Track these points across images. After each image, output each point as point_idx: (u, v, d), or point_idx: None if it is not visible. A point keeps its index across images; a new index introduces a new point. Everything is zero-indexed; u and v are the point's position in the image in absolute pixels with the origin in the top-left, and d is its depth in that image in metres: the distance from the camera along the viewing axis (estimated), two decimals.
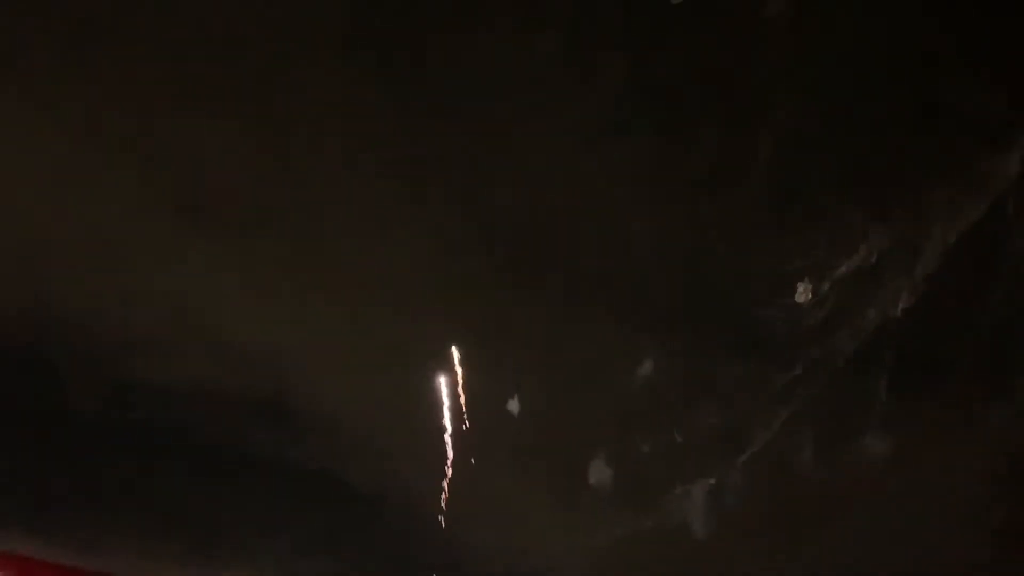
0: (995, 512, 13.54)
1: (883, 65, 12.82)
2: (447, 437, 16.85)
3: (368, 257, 16.73)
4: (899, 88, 12.77)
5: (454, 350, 16.89)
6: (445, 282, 17.05)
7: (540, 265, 16.46)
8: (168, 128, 15.46)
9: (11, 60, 14.47)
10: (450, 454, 16.70)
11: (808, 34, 11.69)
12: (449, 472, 16.48)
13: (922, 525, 13.65)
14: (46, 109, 14.94)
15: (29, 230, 15.34)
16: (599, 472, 14.47)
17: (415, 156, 16.27)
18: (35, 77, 14.74)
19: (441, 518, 16.48)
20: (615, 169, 15.03)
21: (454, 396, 16.90)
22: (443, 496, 16.46)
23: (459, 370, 16.96)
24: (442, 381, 17.11)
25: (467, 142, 15.95)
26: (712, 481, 12.14)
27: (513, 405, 15.61)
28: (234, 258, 16.21)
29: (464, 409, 16.73)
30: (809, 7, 11.18)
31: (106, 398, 16.01)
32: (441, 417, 16.93)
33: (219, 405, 16.10)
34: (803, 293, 10.87)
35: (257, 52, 15.26)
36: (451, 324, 16.79)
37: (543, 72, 14.82)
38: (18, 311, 15.25)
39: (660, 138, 14.62)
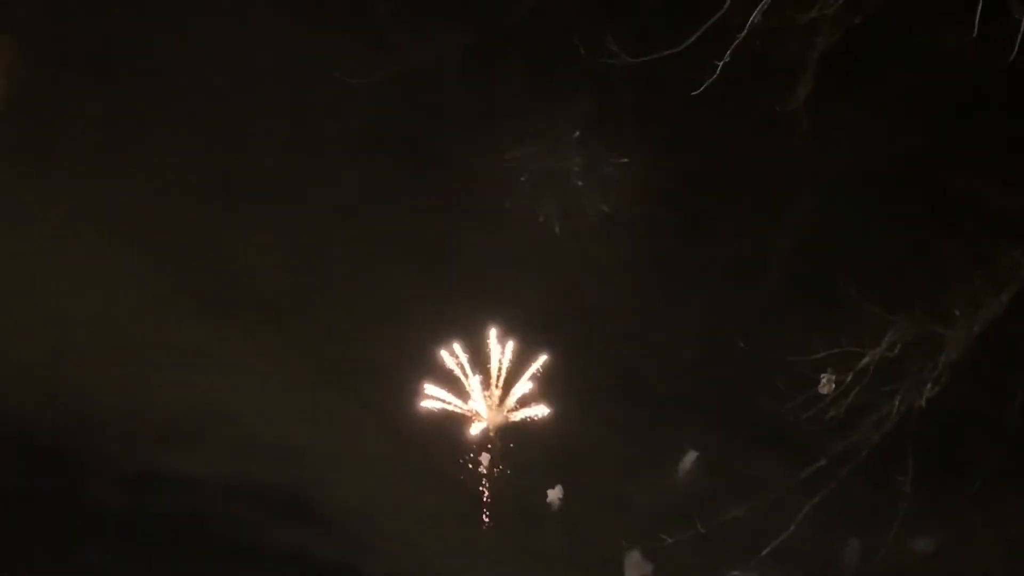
0: None
1: (903, 158, 12.97)
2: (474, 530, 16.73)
3: (388, 352, 16.80)
4: (920, 181, 12.90)
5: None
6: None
7: (560, 361, 16.50)
8: (195, 226, 15.76)
9: (39, 154, 14.81)
10: (476, 548, 16.55)
11: (828, 128, 11.84)
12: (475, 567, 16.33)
13: None
14: (76, 206, 15.25)
15: (57, 325, 15.53)
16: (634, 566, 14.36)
17: (435, 255, 16.46)
18: (63, 174, 15.06)
19: None
20: (637, 263, 15.16)
21: (482, 490, 16.83)
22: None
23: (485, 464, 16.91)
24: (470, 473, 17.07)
25: (488, 236, 16.13)
26: (736, 574, 11.93)
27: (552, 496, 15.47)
28: (258, 354, 16.35)
29: (489, 504, 16.64)
30: (829, 103, 11.34)
31: (129, 490, 16.02)
32: (468, 511, 16.84)
33: (240, 498, 16.08)
34: (826, 384, 10.80)
35: (285, 151, 15.62)
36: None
37: (564, 165, 15.02)
38: (44, 404, 15.37)
39: (681, 232, 14.77)
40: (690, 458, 13.74)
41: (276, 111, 15.12)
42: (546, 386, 16.95)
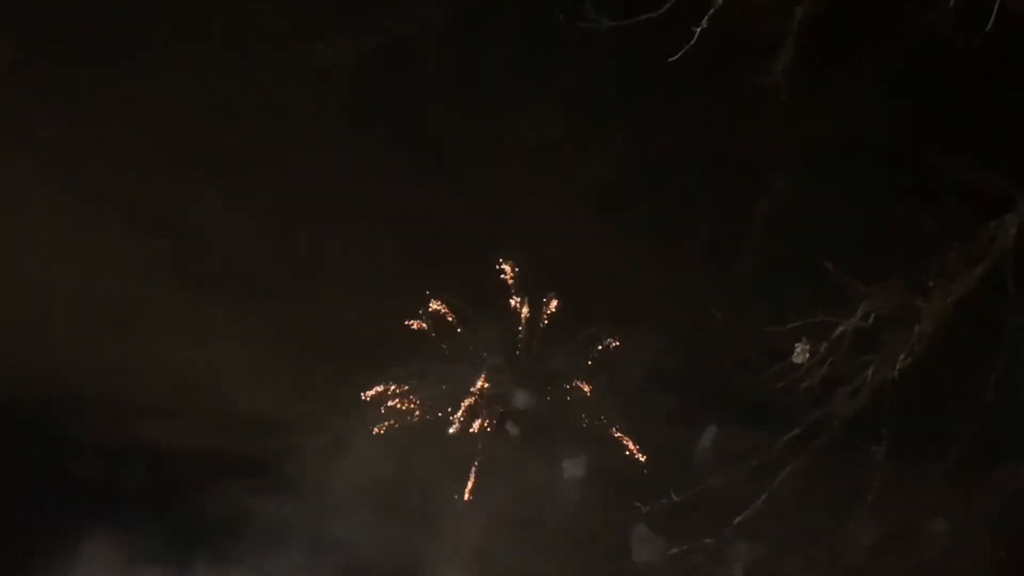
0: None
1: (881, 133, 13.02)
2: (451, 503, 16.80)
3: (370, 326, 16.81)
4: (897, 154, 12.95)
5: None
6: (452, 352, 17.13)
7: (549, 332, 16.53)
8: (173, 196, 15.70)
9: (16, 128, 14.73)
10: (455, 522, 16.62)
11: (806, 100, 11.87)
12: (454, 541, 16.39)
13: None
14: (51, 176, 15.17)
15: (35, 298, 15.47)
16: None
17: (421, 225, 16.45)
18: (42, 145, 14.99)
19: None
20: (616, 237, 15.19)
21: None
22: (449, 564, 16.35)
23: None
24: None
25: (472, 211, 16.13)
26: (708, 541, 12.01)
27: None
28: (240, 326, 16.32)
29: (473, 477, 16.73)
30: (807, 77, 11.37)
31: (108, 462, 16.00)
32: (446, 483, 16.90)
33: (221, 470, 16.09)
34: (800, 354, 10.86)
35: (264, 120, 15.55)
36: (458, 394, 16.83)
37: (546, 143, 15.03)
38: (21, 377, 15.30)
39: (659, 206, 14.80)
40: (710, 435, 13.63)
41: (256, 84, 15.05)
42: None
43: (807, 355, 10.83)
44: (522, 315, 16.98)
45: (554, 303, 17.01)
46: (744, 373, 11.27)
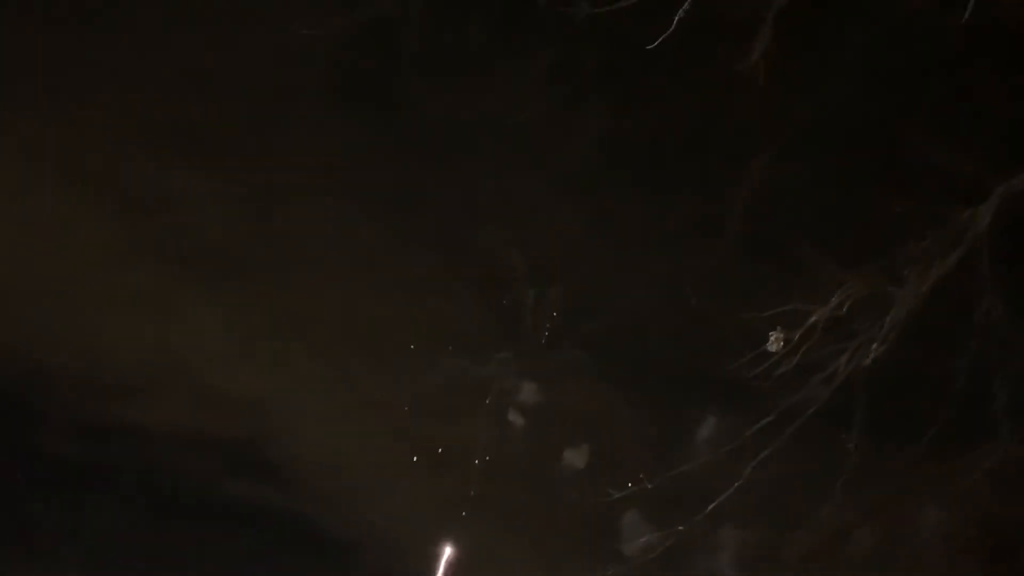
0: None
1: (857, 119, 13.03)
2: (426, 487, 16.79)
3: (349, 306, 16.77)
4: (873, 142, 12.97)
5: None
6: (429, 332, 17.10)
7: (523, 314, 16.52)
8: (152, 174, 15.60)
9: None
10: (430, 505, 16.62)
11: (783, 89, 11.88)
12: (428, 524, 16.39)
13: None
14: (26, 153, 15.06)
15: (10, 273, 15.36)
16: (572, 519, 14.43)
17: (400, 206, 16.40)
18: (15, 118, 14.86)
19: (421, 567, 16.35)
20: (593, 221, 15.18)
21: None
22: (423, 546, 16.36)
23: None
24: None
25: (452, 193, 16.09)
26: (681, 528, 12.09)
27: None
28: (216, 304, 16.27)
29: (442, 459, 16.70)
30: (784, 63, 11.36)
31: (84, 441, 15.97)
32: (421, 464, 16.88)
33: (198, 449, 16.08)
34: (775, 342, 10.92)
35: (244, 99, 15.45)
36: (432, 375, 16.81)
37: (526, 124, 14.98)
38: None
39: (636, 191, 14.79)
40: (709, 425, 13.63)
41: (235, 60, 14.93)
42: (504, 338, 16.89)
43: (781, 343, 10.89)
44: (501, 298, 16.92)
45: (530, 285, 16.96)
46: (719, 360, 11.32)
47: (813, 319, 10.87)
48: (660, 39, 10.48)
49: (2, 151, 14.94)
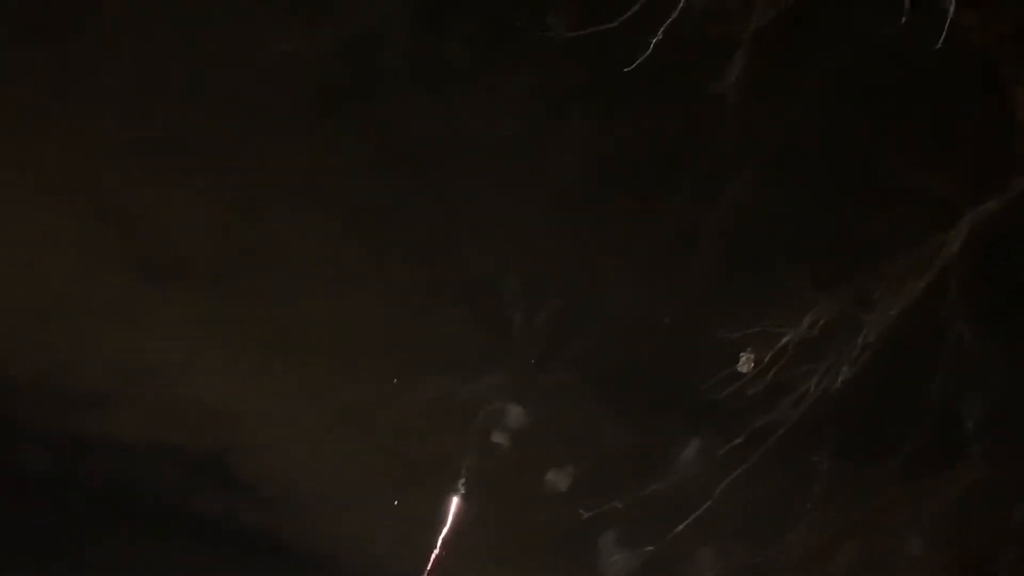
0: None
1: (832, 142, 13.13)
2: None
3: (327, 319, 16.74)
4: (846, 165, 13.07)
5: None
6: (404, 346, 17.08)
7: (501, 328, 16.54)
8: (127, 185, 15.52)
9: None
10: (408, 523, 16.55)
11: (758, 111, 11.97)
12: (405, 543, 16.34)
13: None
14: (2, 163, 14.97)
15: None
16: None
17: (378, 221, 16.40)
18: None
19: None
20: (571, 238, 15.21)
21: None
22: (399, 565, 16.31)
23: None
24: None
25: (432, 208, 16.10)
26: (651, 549, 12.11)
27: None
28: (190, 316, 16.19)
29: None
30: (760, 85, 11.46)
31: (55, 453, 15.85)
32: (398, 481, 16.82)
33: (169, 464, 15.98)
34: (745, 363, 11.00)
35: (222, 111, 15.41)
36: (407, 386, 16.78)
37: (507, 141, 15.03)
38: None
39: (614, 211, 14.83)
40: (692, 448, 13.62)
41: (214, 75, 14.91)
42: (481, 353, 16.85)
43: (752, 364, 10.97)
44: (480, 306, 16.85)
45: (513, 296, 16.94)
46: (691, 379, 11.38)
47: (784, 340, 10.95)
48: (638, 61, 10.56)
49: None
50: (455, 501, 16.24)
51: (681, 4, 10.28)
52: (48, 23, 14.70)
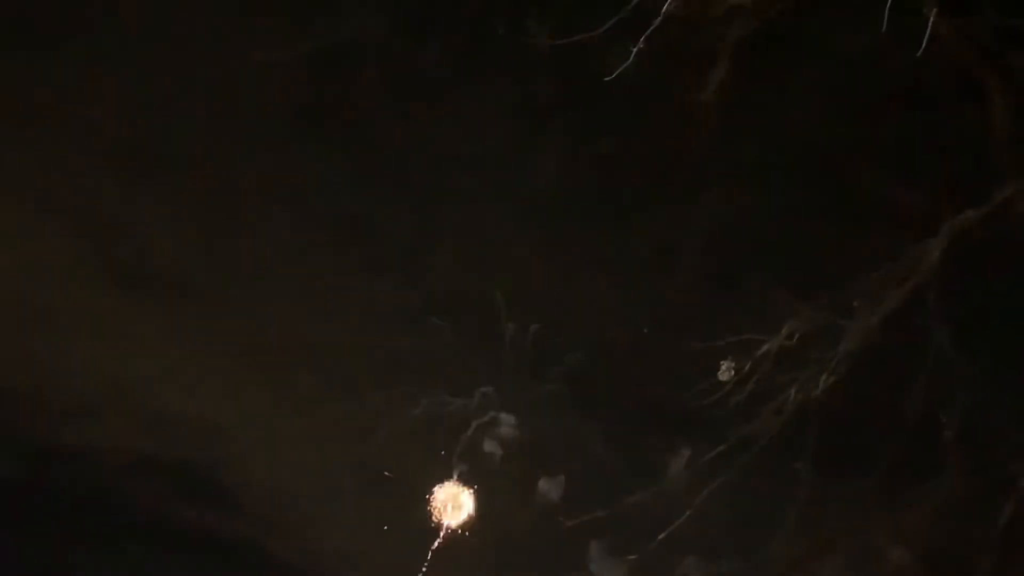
0: None
1: (812, 153, 13.18)
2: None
3: (309, 332, 16.68)
4: (826, 175, 13.12)
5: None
6: (384, 358, 17.03)
7: (480, 341, 16.52)
8: (107, 197, 15.46)
9: None
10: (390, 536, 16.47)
11: (738, 121, 12.02)
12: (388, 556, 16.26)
13: None
14: None
15: None
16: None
17: (360, 234, 16.37)
18: None
19: None
20: (550, 250, 15.21)
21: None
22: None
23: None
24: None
25: (411, 219, 16.08)
26: (633, 558, 12.11)
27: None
28: (171, 329, 16.12)
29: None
30: (740, 95, 11.51)
31: (32, 463, 15.72)
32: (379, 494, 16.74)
33: (147, 475, 15.87)
34: (726, 372, 11.03)
35: (202, 122, 15.38)
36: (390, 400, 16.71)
37: (487, 153, 15.03)
38: None
39: (593, 222, 14.84)
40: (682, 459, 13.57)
41: (193, 85, 14.87)
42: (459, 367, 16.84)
43: (732, 373, 10.99)
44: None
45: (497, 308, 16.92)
46: (673, 389, 11.39)
47: (764, 349, 10.98)
48: (618, 71, 10.58)
49: None
50: (444, 512, 16.21)
51: (663, 14, 10.30)
52: (24, 37, 14.66)
